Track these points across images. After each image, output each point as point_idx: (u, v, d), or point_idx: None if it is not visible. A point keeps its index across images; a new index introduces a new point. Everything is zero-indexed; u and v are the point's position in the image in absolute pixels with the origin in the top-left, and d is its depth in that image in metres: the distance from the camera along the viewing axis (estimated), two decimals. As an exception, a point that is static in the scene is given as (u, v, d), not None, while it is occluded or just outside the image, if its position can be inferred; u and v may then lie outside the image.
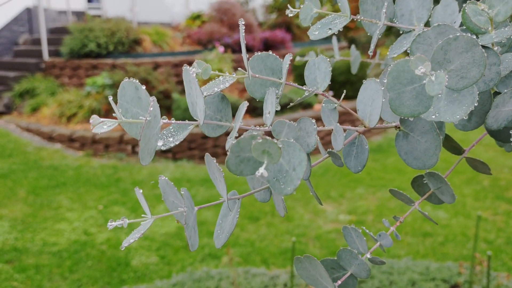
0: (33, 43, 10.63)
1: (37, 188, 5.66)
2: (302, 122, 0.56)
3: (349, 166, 0.62)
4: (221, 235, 0.58)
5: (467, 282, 3.31)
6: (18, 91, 8.87)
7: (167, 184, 0.57)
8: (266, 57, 0.63)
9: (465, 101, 0.53)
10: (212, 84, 0.62)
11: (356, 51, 1.37)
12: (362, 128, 0.61)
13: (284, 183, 0.47)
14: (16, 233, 4.55)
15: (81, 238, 4.49)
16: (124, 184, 5.90)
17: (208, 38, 9.96)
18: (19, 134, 7.62)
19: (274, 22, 12.04)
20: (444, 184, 0.68)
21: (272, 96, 0.57)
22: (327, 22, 0.66)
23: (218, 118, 0.61)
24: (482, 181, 6.23)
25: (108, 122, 0.47)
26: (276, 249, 4.37)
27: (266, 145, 0.44)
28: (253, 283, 3.48)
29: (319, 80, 0.63)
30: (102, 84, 8.13)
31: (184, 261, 4.11)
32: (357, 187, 5.98)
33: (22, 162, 6.53)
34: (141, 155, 0.46)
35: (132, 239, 0.52)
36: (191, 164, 6.94)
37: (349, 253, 0.64)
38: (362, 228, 0.70)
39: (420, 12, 0.65)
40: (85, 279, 3.83)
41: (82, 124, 7.93)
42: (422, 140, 0.59)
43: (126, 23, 9.69)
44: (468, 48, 0.51)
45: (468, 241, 4.56)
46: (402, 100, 0.53)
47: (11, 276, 3.83)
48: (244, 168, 0.47)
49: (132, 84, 0.49)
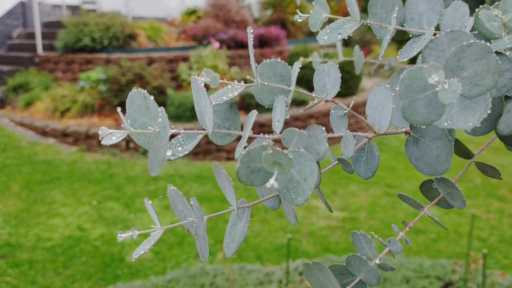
0: (27, 37, 10.55)
1: (30, 183, 5.62)
2: (312, 129, 0.55)
3: (359, 173, 0.61)
4: (231, 243, 0.57)
5: (461, 279, 3.32)
6: (11, 85, 8.81)
7: (176, 194, 0.56)
8: (275, 64, 0.62)
9: (478, 108, 0.52)
10: (220, 92, 0.61)
11: (360, 51, 1.36)
12: (372, 134, 0.61)
13: (295, 194, 0.46)
14: (9, 228, 4.52)
15: (75, 233, 4.47)
16: (117, 179, 5.88)
17: (203, 34, 9.92)
18: (12, 128, 7.57)
19: (269, 19, 12.01)
20: (454, 190, 0.67)
21: (282, 104, 0.56)
22: (337, 27, 0.64)
23: (226, 127, 0.60)
24: (473, 179, 6.26)
25: (117, 133, 0.46)
26: (270, 245, 4.37)
27: (276, 156, 0.43)
28: (248, 280, 3.48)
29: (328, 86, 0.62)
30: (96, 79, 8.09)
31: (179, 257, 4.10)
32: (349, 184, 5.99)
33: (16, 156, 6.49)
34: (151, 167, 0.45)
35: (143, 251, 0.51)
36: (184, 160, 6.93)
37: (359, 259, 0.63)
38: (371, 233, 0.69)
39: (431, 15, 0.64)
40: (79, 274, 3.81)
41: (75, 119, 7.88)
42: (433, 146, 0.58)
43: (121, 18, 9.63)
44: (482, 56, 0.50)
45: (461, 239, 4.58)
46: (415, 108, 0.52)
47: (5, 271, 3.81)
48: (255, 178, 0.46)
49: (141, 94, 0.48)
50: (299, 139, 0.50)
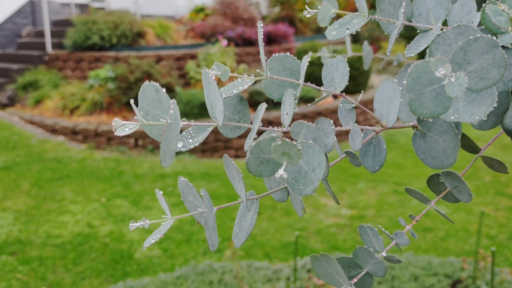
0: (37, 36, 10.62)
1: (40, 181, 5.67)
2: (320, 122, 0.56)
3: (366, 166, 0.62)
4: (239, 234, 0.59)
5: (470, 277, 3.31)
6: (21, 84, 8.87)
7: (186, 185, 0.58)
8: (285, 58, 0.63)
9: (484, 101, 0.53)
10: (230, 86, 0.62)
11: (368, 46, 1.36)
12: (379, 128, 0.61)
13: (303, 184, 0.47)
14: (20, 225, 4.56)
15: (84, 230, 4.51)
16: (126, 177, 5.91)
17: (211, 32, 9.94)
18: (22, 126, 7.63)
19: (277, 16, 12.01)
20: (461, 183, 0.68)
21: (290, 98, 0.57)
22: (345, 22, 0.65)
23: (236, 119, 0.61)
24: (483, 176, 6.23)
25: (130, 125, 0.47)
26: (278, 243, 4.38)
27: (286, 147, 0.44)
28: (256, 277, 3.49)
29: (337, 80, 0.63)
30: (105, 77, 8.13)
31: (187, 254, 4.13)
32: (357, 182, 5.98)
33: (26, 154, 6.54)
34: (162, 157, 0.46)
35: (153, 240, 0.52)
36: (192, 158, 6.95)
37: (366, 251, 0.64)
38: (378, 227, 0.70)
39: (438, 11, 0.65)
40: (89, 271, 3.85)
41: (85, 116, 7.93)
42: (440, 139, 0.59)
43: (130, 16, 9.66)
44: (488, 49, 0.51)
45: (469, 237, 4.56)
46: (421, 101, 0.53)
47: (15, 268, 3.85)
48: (264, 169, 0.47)
49: (153, 87, 0.49)
50: (308, 132, 0.50)
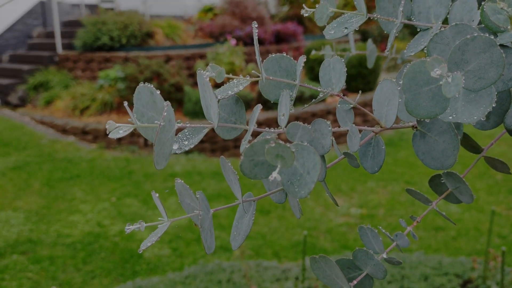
0: (47, 36, 10.70)
1: (51, 180, 5.71)
2: (316, 123, 0.56)
3: (366, 167, 0.62)
4: (237, 236, 0.58)
5: (480, 277, 3.29)
6: (32, 84, 8.95)
7: (183, 187, 0.58)
8: (280, 59, 0.63)
9: (482, 101, 0.52)
10: (226, 87, 0.62)
11: (372, 44, 1.35)
12: (378, 129, 0.61)
13: (298, 187, 0.47)
14: (30, 225, 4.60)
15: (94, 230, 4.54)
16: (136, 176, 5.94)
17: (220, 31, 9.94)
18: (33, 126, 7.69)
19: (286, 15, 11.99)
20: (462, 184, 0.67)
21: (287, 99, 0.57)
22: (343, 21, 0.65)
23: (232, 121, 0.61)
24: (495, 175, 6.17)
25: (124, 127, 0.47)
26: (287, 242, 4.38)
27: (279, 149, 0.43)
28: (264, 276, 3.49)
29: (334, 81, 0.62)
30: (114, 77, 8.17)
31: (196, 254, 4.13)
32: (368, 180, 5.96)
33: (37, 154, 6.60)
34: (156, 160, 0.46)
35: (150, 242, 0.52)
36: (202, 157, 6.96)
37: (365, 253, 0.63)
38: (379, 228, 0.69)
39: (438, 9, 0.64)
40: (99, 270, 3.87)
41: (95, 116, 7.98)
42: (440, 140, 0.59)
43: (139, 16, 9.70)
44: (486, 49, 0.50)
45: (481, 236, 4.52)
46: (418, 102, 0.52)
47: (26, 267, 3.89)
48: (258, 171, 0.46)
49: (148, 88, 0.49)
50: (303, 133, 0.50)
